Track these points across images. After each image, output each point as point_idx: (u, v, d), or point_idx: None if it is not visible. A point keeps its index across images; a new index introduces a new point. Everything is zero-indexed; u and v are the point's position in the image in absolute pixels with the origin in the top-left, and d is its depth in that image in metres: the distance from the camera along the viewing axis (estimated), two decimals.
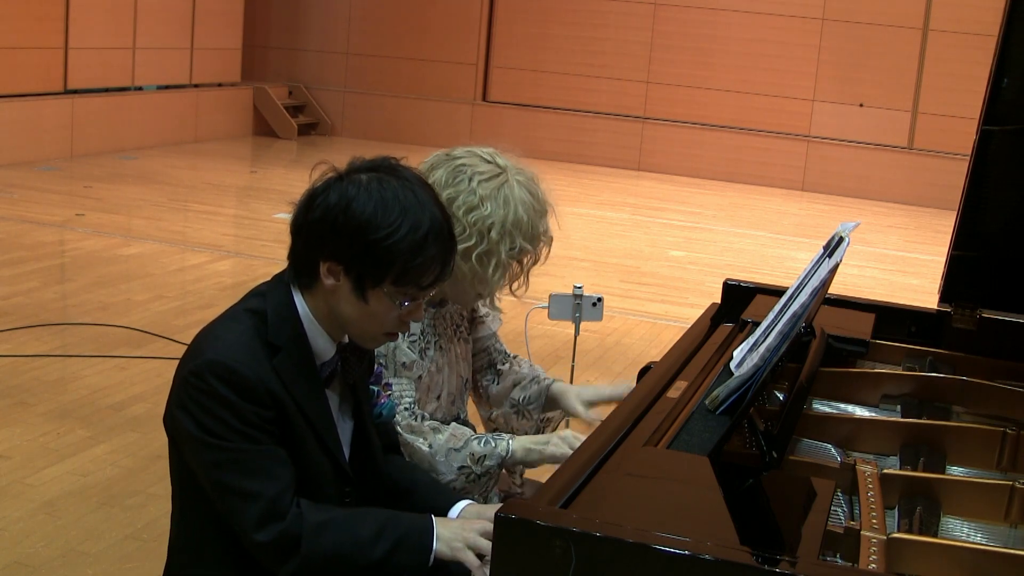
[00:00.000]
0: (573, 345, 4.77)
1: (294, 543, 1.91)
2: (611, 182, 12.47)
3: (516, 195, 2.43)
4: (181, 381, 1.93)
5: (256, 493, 1.90)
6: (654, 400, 2.16)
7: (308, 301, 2.00)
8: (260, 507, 1.90)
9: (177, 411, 1.94)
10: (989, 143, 2.55)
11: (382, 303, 1.95)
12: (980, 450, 2.18)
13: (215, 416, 1.89)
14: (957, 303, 2.76)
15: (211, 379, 1.89)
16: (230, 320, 2.00)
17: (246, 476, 1.90)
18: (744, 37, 13.03)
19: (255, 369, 1.91)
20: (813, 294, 2.06)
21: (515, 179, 2.45)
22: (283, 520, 1.91)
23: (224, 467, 1.90)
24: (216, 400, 1.89)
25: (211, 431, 1.89)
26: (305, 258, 1.97)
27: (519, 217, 2.42)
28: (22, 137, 10.64)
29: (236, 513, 1.91)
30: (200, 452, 1.92)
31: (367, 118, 14.33)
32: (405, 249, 1.90)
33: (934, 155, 12.52)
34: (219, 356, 1.91)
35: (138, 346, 5.64)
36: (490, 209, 2.40)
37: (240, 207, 10.00)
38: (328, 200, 1.93)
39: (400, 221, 1.90)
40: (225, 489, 1.91)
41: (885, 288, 8.14)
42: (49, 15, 10.89)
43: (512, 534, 1.54)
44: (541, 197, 2.49)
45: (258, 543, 1.91)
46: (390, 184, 1.93)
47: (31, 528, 3.70)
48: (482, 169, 2.44)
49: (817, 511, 1.71)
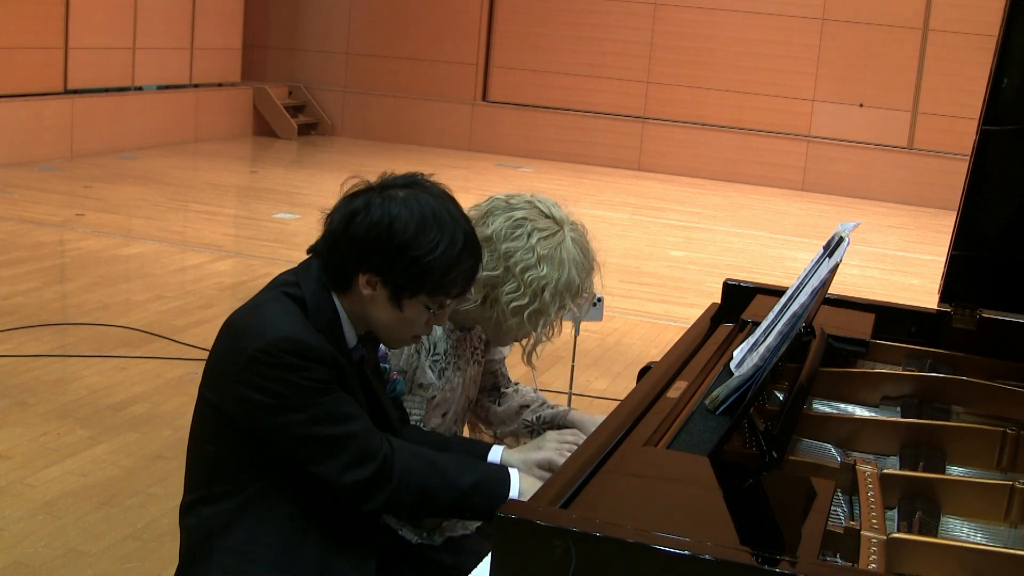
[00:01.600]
0: (573, 345, 4.77)
1: (387, 477, 2.03)
2: (611, 182, 12.47)
3: (570, 255, 2.43)
4: (248, 360, 1.99)
5: (346, 436, 2.01)
6: (654, 400, 2.16)
7: (342, 300, 2.10)
8: (354, 448, 2.01)
9: (244, 389, 2.00)
10: (989, 143, 2.55)
11: (416, 311, 2.08)
12: (980, 450, 2.18)
13: (290, 383, 1.98)
14: (957, 303, 2.76)
15: (281, 354, 1.98)
16: (275, 302, 2.07)
17: (333, 424, 2.01)
18: (744, 37, 13.03)
19: (315, 338, 2.02)
20: (813, 294, 2.06)
21: (570, 236, 2.45)
22: (377, 457, 2.03)
23: (311, 423, 2.00)
24: (289, 369, 1.98)
25: (289, 396, 1.99)
26: (342, 268, 2.07)
27: (571, 279, 2.43)
28: (22, 137, 10.64)
29: (331, 461, 2.01)
30: (282, 416, 2.00)
31: (367, 118, 14.33)
32: (442, 264, 2.03)
33: (934, 155, 12.53)
34: (283, 332, 1.99)
35: (138, 346, 5.64)
36: (546, 271, 2.40)
37: (240, 207, 10.00)
38: (371, 217, 2.03)
39: (438, 239, 2.02)
40: (316, 441, 2.01)
41: (885, 288, 8.14)
42: (49, 15, 10.89)
43: (512, 534, 1.54)
44: (591, 255, 2.49)
45: (354, 482, 2.01)
46: (427, 201, 2.04)
47: (31, 528, 3.70)
48: (541, 225, 2.44)
49: (817, 511, 1.71)
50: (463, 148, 13.97)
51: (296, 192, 10.45)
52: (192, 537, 2.13)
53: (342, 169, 11.53)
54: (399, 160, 12.15)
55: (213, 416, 2.09)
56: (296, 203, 9.82)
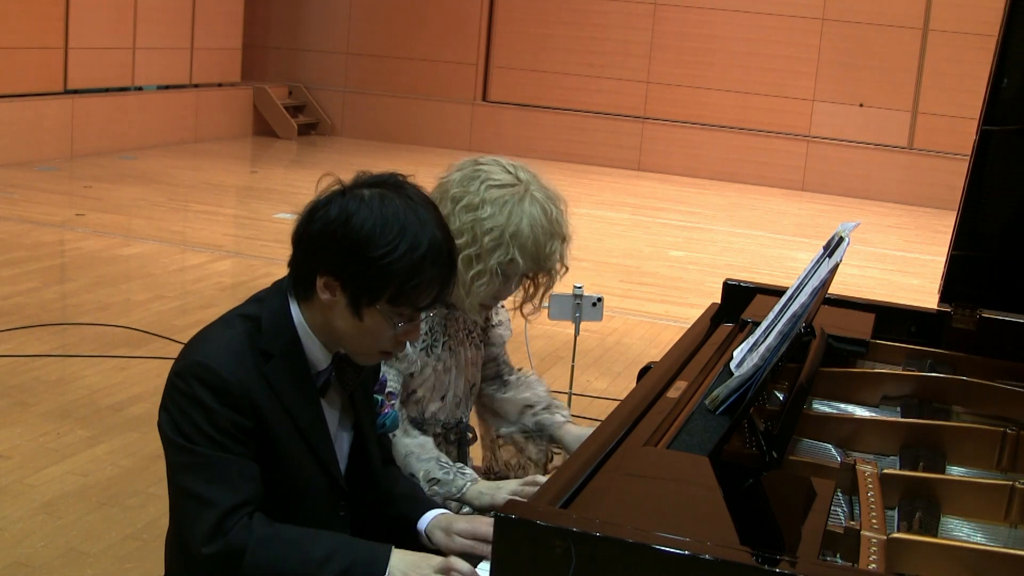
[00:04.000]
0: (573, 345, 4.78)
1: (238, 556, 1.83)
2: (611, 182, 12.47)
3: (525, 208, 2.33)
4: (168, 381, 1.93)
5: (211, 501, 1.84)
6: (654, 400, 2.16)
7: (305, 312, 1.97)
8: (212, 517, 1.83)
9: (160, 411, 1.93)
10: (989, 143, 2.56)
11: (377, 321, 1.92)
12: (980, 450, 2.18)
13: (189, 418, 1.86)
14: (957, 303, 2.76)
15: (191, 381, 1.87)
16: (222, 325, 1.98)
17: (206, 482, 1.85)
18: (744, 37, 13.03)
19: (239, 375, 1.88)
20: (813, 294, 2.06)
21: (532, 193, 2.36)
22: (229, 533, 1.83)
23: (187, 470, 1.86)
24: (193, 402, 1.86)
25: (183, 433, 1.87)
26: (304, 270, 1.95)
27: (520, 230, 2.32)
28: (22, 137, 10.64)
29: (187, 519, 1.86)
30: (169, 453, 1.90)
31: (367, 118, 14.33)
32: (402, 269, 1.87)
33: (934, 155, 12.52)
34: (203, 358, 1.89)
35: (138, 346, 5.64)
36: (488, 213, 2.32)
37: (240, 207, 10.00)
38: (329, 213, 1.90)
39: (398, 240, 1.86)
40: (182, 492, 1.87)
41: (885, 288, 8.14)
42: (49, 15, 10.89)
43: (512, 534, 1.54)
44: (556, 218, 2.37)
45: (202, 555, 1.83)
46: (392, 201, 1.89)
47: (31, 528, 3.70)
48: (497, 176, 2.37)
49: (817, 511, 1.71)
50: (463, 148, 13.96)
51: (296, 192, 10.45)
52: (167, 551, 2.08)
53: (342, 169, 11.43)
54: (399, 160, 12.15)
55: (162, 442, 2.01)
56: (296, 203, 9.72)
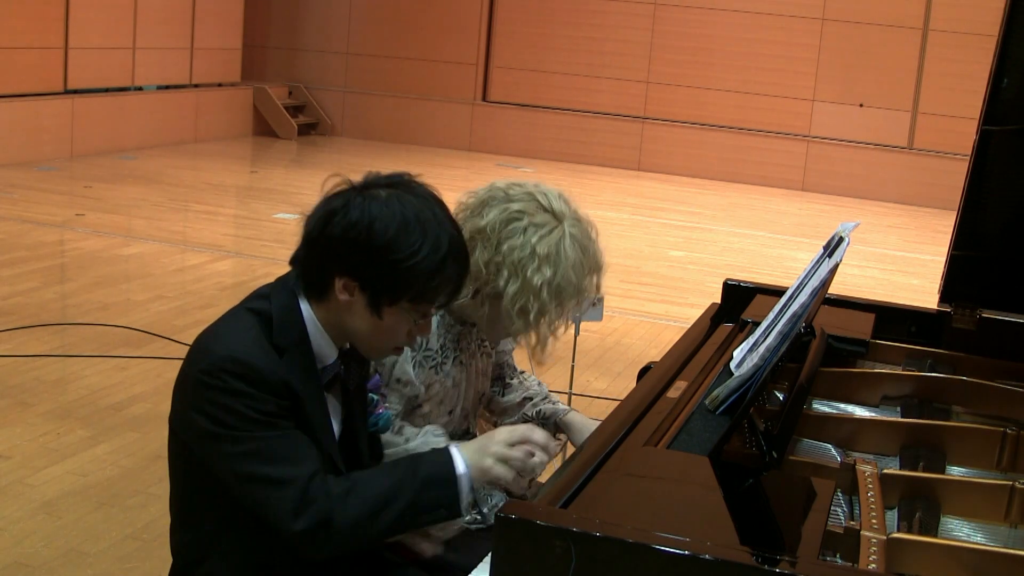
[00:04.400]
0: (573, 345, 4.77)
1: (328, 523, 1.86)
2: (611, 182, 12.47)
3: (567, 255, 2.30)
4: (193, 383, 1.90)
5: (285, 480, 1.85)
6: (654, 400, 2.16)
7: (316, 309, 1.98)
8: (293, 494, 1.85)
9: (192, 414, 1.90)
10: (989, 143, 2.56)
11: (396, 320, 1.94)
12: (980, 450, 2.18)
13: (231, 409, 1.86)
14: (957, 303, 2.76)
15: (224, 376, 1.86)
16: (232, 319, 1.97)
17: (273, 463, 1.86)
18: (744, 37, 13.03)
19: (267, 361, 1.89)
20: (813, 294, 2.06)
21: (569, 231, 2.32)
22: (312, 504, 1.85)
23: (248, 458, 1.86)
24: (232, 394, 1.86)
25: (229, 424, 1.86)
26: (318, 271, 1.95)
27: (567, 279, 2.30)
28: (22, 137, 10.64)
29: (269, 503, 1.86)
30: (221, 447, 1.87)
31: (367, 118, 14.33)
32: (425, 270, 1.89)
33: (934, 155, 12.52)
34: (230, 351, 1.88)
35: (138, 346, 5.64)
36: (543, 268, 2.29)
37: (240, 207, 10.00)
38: (350, 217, 1.90)
39: (420, 242, 1.88)
40: (253, 480, 1.86)
41: (885, 288, 8.14)
42: (49, 15, 10.89)
43: (512, 534, 1.54)
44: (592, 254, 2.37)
45: (297, 532, 1.85)
46: (410, 202, 1.91)
47: (31, 528, 3.70)
48: (539, 220, 2.32)
49: (817, 511, 1.71)
50: (463, 148, 13.97)
51: (296, 192, 10.45)
52: (176, 560, 2.08)
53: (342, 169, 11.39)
54: (399, 160, 12.15)
55: (173, 442, 2.01)
56: (296, 203, 9.81)
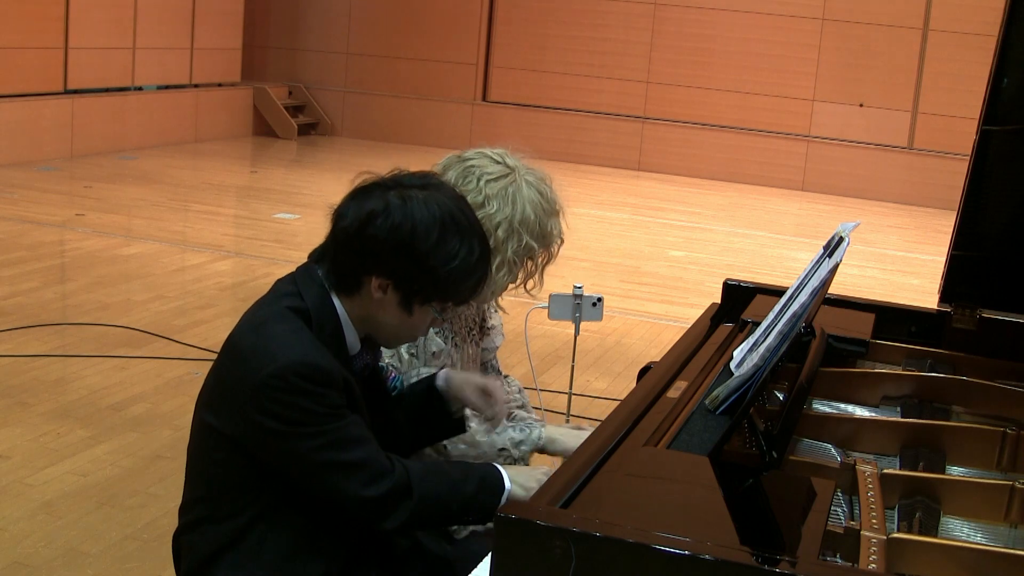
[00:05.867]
0: (573, 345, 4.77)
1: (406, 492, 2.00)
2: (611, 182, 12.47)
3: (524, 194, 2.46)
4: (256, 387, 1.94)
5: (357, 461, 1.98)
6: (654, 400, 2.16)
7: (346, 303, 2.06)
8: (365, 472, 1.98)
9: (256, 416, 1.95)
10: (989, 143, 2.55)
11: (424, 315, 2.07)
12: (980, 450, 2.18)
13: (304, 409, 1.94)
14: (957, 303, 2.76)
15: (292, 379, 1.93)
16: (281, 321, 2.01)
17: (344, 449, 1.97)
18: (744, 37, 13.03)
19: (326, 359, 1.98)
20: (813, 294, 2.06)
21: (524, 179, 2.49)
22: (390, 474, 1.99)
23: (326, 448, 1.96)
24: (302, 395, 1.94)
25: (300, 422, 1.95)
26: (353, 269, 2.02)
27: (526, 216, 2.45)
28: (22, 137, 10.64)
29: (342, 485, 1.98)
30: (295, 443, 1.96)
31: (367, 118, 14.33)
32: (459, 275, 2.02)
33: (934, 155, 12.52)
34: (297, 356, 1.95)
35: (138, 346, 5.63)
36: (496, 207, 2.43)
37: (240, 207, 10.00)
38: (392, 220, 1.98)
39: (459, 248, 2.00)
40: (327, 468, 1.97)
41: (885, 288, 8.14)
42: (49, 15, 10.88)
43: (512, 534, 1.54)
44: (550, 197, 2.51)
45: (369, 498, 1.97)
46: (445, 205, 2.01)
47: (31, 528, 3.70)
48: (490, 169, 2.49)
49: (817, 511, 1.71)
50: (463, 148, 13.92)
51: (296, 192, 10.45)
52: (194, 554, 2.10)
53: (342, 169, 11.52)
54: (399, 160, 12.06)
55: (215, 439, 2.04)
56: (296, 203, 9.81)
